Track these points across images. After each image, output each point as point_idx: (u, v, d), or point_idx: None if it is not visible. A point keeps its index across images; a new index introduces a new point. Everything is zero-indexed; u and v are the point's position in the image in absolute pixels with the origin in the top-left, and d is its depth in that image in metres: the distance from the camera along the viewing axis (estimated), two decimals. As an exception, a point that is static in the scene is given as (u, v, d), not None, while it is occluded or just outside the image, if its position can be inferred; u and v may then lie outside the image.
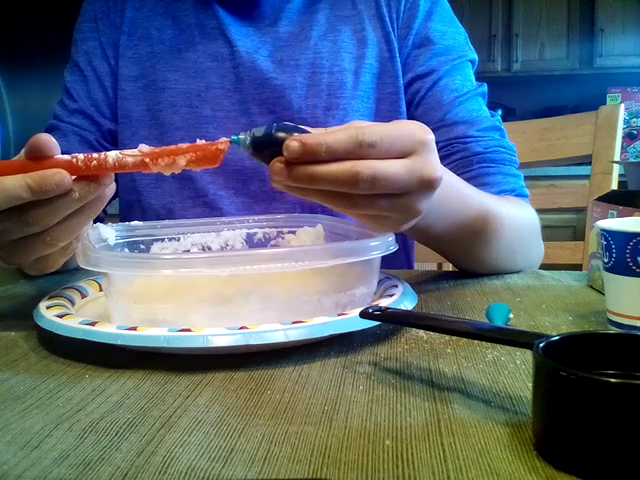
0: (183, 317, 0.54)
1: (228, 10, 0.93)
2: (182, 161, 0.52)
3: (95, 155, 0.52)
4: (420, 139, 0.54)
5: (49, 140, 0.52)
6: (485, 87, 0.94)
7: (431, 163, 0.54)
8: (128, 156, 0.52)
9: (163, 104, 0.92)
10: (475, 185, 0.77)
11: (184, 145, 0.52)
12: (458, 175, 0.76)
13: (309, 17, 0.93)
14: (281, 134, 0.52)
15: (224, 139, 0.53)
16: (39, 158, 0.52)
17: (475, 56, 0.96)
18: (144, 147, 0.53)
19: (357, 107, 0.91)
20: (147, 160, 0.52)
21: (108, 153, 0.52)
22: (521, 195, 0.87)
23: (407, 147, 0.53)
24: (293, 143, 0.50)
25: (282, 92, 0.90)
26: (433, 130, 0.81)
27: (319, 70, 0.91)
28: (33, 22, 3.10)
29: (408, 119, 0.92)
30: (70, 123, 0.95)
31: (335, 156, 0.50)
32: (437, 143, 0.82)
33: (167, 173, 0.53)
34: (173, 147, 0.52)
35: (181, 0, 0.95)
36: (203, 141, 0.53)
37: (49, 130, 0.97)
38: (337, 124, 0.83)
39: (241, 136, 0.54)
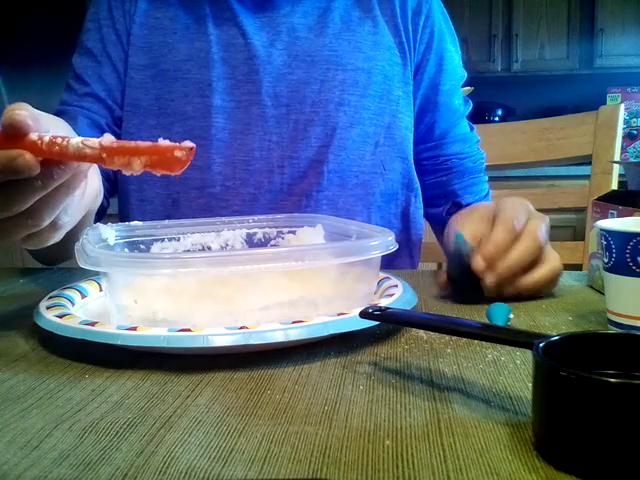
0: (183, 317, 0.54)
1: (242, 1, 0.94)
2: (137, 165, 0.48)
3: (59, 140, 0.48)
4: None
5: (25, 120, 0.47)
6: (470, 105, 1.06)
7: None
8: (88, 148, 0.48)
9: (175, 94, 0.92)
10: (464, 193, 1.01)
11: (144, 144, 0.47)
12: (452, 184, 1.01)
13: (324, 13, 0.95)
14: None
15: (188, 144, 0.47)
16: (11, 136, 0.48)
17: (465, 74, 1.05)
18: (107, 138, 0.48)
19: (368, 105, 0.94)
20: (104, 155, 0.48)
21: (71, 140, 0.48)
22: (488, 196, 1.05)
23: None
24: (480, 264, 0.66)
25: (297, 87, 0.91)
26: (434, 145, 1.02)
27: (333, 67, 0.92)
28: (33, 22, 3.10)
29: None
30: (80, 106, 0.94)
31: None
32: (437, 157, 1.01)
33: (127, 173, 0.49)
34: (132, 145, 0.48)
35: None
36: (167, 142, 0.47)
37: (57, 115, 0.95)
38: (348, 120, 0.93)
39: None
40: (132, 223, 0.72)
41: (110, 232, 0.66)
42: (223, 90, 0.91)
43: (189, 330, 0.50)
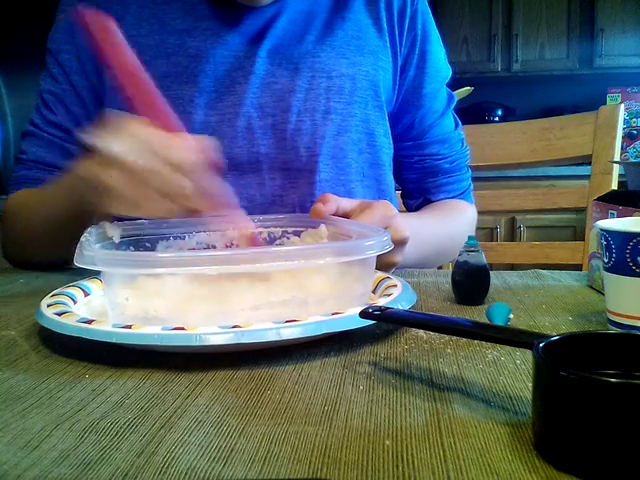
0: (174, 315, 0.54)
1: (220, 11, 0.91)
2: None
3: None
4: (389, 216, 0.73)
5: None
6: (454, 98, 1.05)
7: (400, 228, 0.73)
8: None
9: None
10: (436, 191, 1.03)
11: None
12: (425, 182, 1.03)
13: (306, 18, 0.93)
14: None
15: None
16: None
17: (450, 72, 1.05)
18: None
19: (354, 112, 0.93)
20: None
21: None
22: (466, 193, 1.07)
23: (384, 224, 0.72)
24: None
25: (282, 96, 0.90)
26: (410, 145, 1.02)
27: (318, 74, 0.91)
28: (33, 22, 3.10)
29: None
30: (50, 133, 0.94)
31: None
32: (412, 157, 1.02)
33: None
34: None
35: (167, 3, 0.92)
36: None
37: (27, 135, 0.96)
38: (336, 128, 0.92)
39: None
40: (138, 221, 0.72)
41: (115, 230, 0.66)
42: (205, 105, 0.89)
43: (183, 329, 0.49)
